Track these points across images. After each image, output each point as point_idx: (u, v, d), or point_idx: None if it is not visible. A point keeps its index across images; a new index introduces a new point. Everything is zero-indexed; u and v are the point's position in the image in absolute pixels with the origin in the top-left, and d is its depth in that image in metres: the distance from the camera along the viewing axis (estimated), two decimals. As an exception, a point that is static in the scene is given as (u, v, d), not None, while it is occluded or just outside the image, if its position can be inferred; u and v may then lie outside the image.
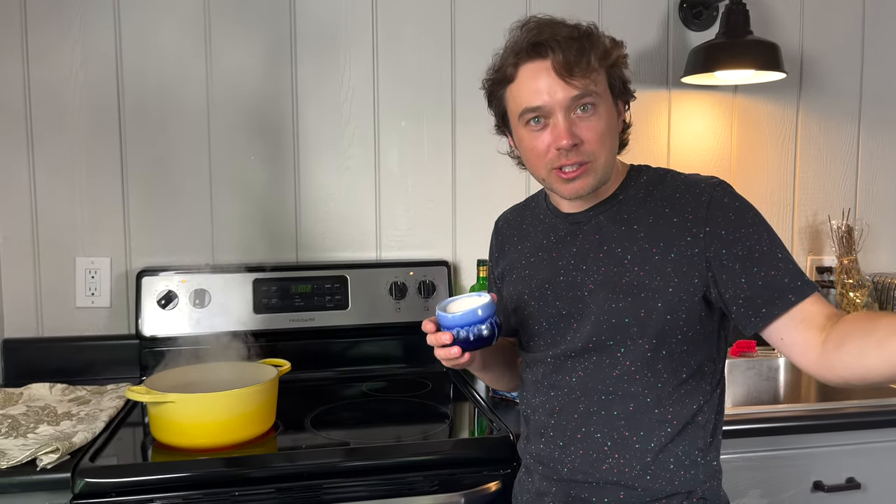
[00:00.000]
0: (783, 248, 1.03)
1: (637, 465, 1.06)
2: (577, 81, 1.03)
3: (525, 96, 1.06)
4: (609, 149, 1.07)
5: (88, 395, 1.62)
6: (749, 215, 1.04)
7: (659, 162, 2.04)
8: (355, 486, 1.28)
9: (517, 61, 1.06)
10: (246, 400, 1.35)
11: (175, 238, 1.84)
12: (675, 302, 1.04)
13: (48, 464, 1.22)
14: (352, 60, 1.90)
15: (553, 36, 1.04)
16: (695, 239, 1.04)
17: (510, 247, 1.25)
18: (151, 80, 1.81)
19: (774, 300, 0.99)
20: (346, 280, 1.84)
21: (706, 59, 1.86)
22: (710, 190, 1.06)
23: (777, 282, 1.00)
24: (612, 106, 1.09)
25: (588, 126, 1.05)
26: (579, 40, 1.04)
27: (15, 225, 1.77)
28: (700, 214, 1.04)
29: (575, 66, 1.02)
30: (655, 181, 1.12)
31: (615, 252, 1.09)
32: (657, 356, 1.06)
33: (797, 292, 0.99)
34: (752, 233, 1.02)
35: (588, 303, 1.10)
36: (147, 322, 1.74)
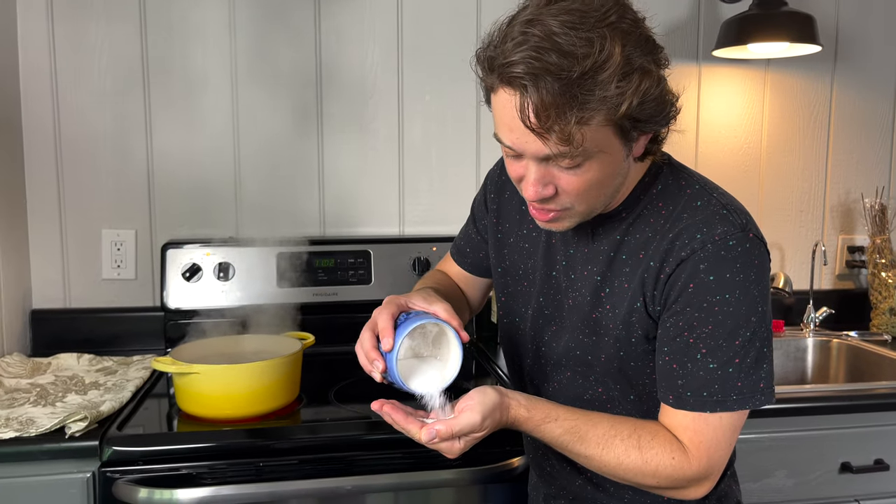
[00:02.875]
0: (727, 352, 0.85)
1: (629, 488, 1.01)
2: (553, 139, 0.78)
3: (497, 124, 0.85)
4: (596, 198, 0.87)
5: (115, 365, 1.64)
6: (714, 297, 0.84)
7: (688, 140, 2.01)
8: (378, 459, 1.28)
9: (491, 80, 0.82)
10: (270, 372, 1.35)
11: (199, 211, 1.85)
12: (638, 352, 0.94)
13: (76, 432, 1.23)
14: (376, 33, 1.87)
15: (538, 69, 0.75)
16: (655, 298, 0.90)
17: (511, 195, 1.11)
18: (175, 52, 1.80)
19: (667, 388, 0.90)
20: (370, 255, 1.84)
21: (739, 31, 1.81)
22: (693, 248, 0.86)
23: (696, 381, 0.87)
24: (618, 149, 0.83)
25: (569, 178, 0.83)
26: (571, 87, 0.75)
27: (42, 197, 1.78)
28: (667, 270, 0.88)
29: (553, 122, 0.76)
30: (663, 198, 0.93)
31: (595, 279, 0.96)
32: (625, 389, 0.98)
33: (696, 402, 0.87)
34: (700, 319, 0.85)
35: (565, 318, 1.02)
36: (172, 294, 1.75)
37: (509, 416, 0.91)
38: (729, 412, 0.87)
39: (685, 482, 0.90)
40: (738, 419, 0.89)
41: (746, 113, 2.05)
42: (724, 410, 0.87)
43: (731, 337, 0.86)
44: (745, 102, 2.05)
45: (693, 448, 0.88)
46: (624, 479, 0.92)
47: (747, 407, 0.87)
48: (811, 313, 1.97)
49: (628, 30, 0.79)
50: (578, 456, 0.92)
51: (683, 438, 0.89)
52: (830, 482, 1.51)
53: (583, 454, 0.91)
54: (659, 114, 0.83)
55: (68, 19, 1.75)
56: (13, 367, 1.56)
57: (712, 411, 0.87)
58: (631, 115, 0.79)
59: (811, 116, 2.08)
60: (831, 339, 1.93)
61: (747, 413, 0.89)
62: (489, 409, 0.88)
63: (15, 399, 1.40)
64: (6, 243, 1.65)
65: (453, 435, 0.88)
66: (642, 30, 0.82)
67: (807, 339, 1.95)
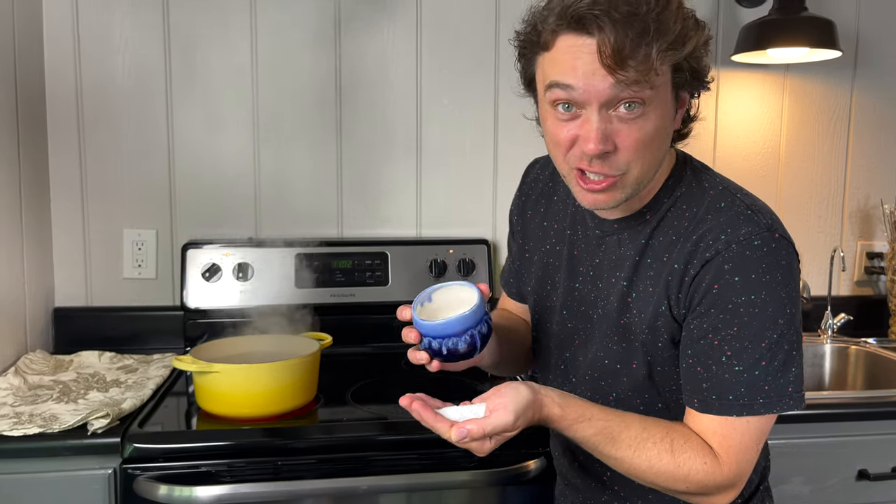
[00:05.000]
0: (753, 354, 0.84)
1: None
2: (628, 75, 0.80)
3: (558, 70, 0.84)
4: (650, 160, 0.87)
5: (135, 363, 1.66)
6: (740, 298, 0.84)
7: (705, 145, 2.01)
8: (395, 459, 1.29)
9: (556, 28, 0.83)
10: (289, 372, 1.36)
11: (219, 212, 1.87)
12: (664, 357, 0.94)
13: (98, 428, 1.25)
14: (396, 35, 1.89)
15: (609, 8, 0.79)
16: (679, 301, 0.90)
17: (533, 214, 1.14)
18: (197, 55, 1.83)
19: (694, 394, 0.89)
20: (387, 257, 1.85)
21: (758, 36, 1.81)
22: (717, 249, 0.86)
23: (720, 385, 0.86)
24: (670, 104, 0.86)
25: (629, 131, 0.84)
26: (644, 20, 0.79)
27: (65, 197, 1.81)
28: (691, 272, 0.88)
29: (629, 57, 0.79)
30: (686, 201, 0.93)
31: (622, 284, 0.96)
32: (653, 398, 0.97)
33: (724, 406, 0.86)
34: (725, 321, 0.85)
35: (592, 329, 1.01)
36: (191, 294, 1.77)
37: (542, 414, 0.88)
38: (756, 416, 0.85)
39: (715, 488, 0.88)
40: (765, 423, 0.87)
41: (765, 118, 2.05)
42: (750, 414, 0.85)
43: (758, 339, 0.84)
44: (764, 107, 2.04)
45: (723, 454, 0.87)
46: (653, 484, 0.90)
47: (775, 411, 0.86)
48: (829, 319, 1.96)
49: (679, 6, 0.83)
50: (609, 458, 0.90)
51: (713, 443, 0.87)
52: (847, 489, 1.50)
53: (614, 456, 0.89)
54: (705, 72, 0.86)
55: (93, 21, 1.78)
56: (36, 364, 1.59)
57: (739, 415, 0.85)
58: (689, 61, 0.83)
59: (830, 122, 2.07)
60: (849, 346, 1.92)
61: (775, 417, 0.88)
62: (522, 408, 0.86)
63: (38, 395, 1.42)
64: (30, 242, 1.68)
65: (485, 434, 0.85)
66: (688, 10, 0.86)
67: (825, 345, 1.94)
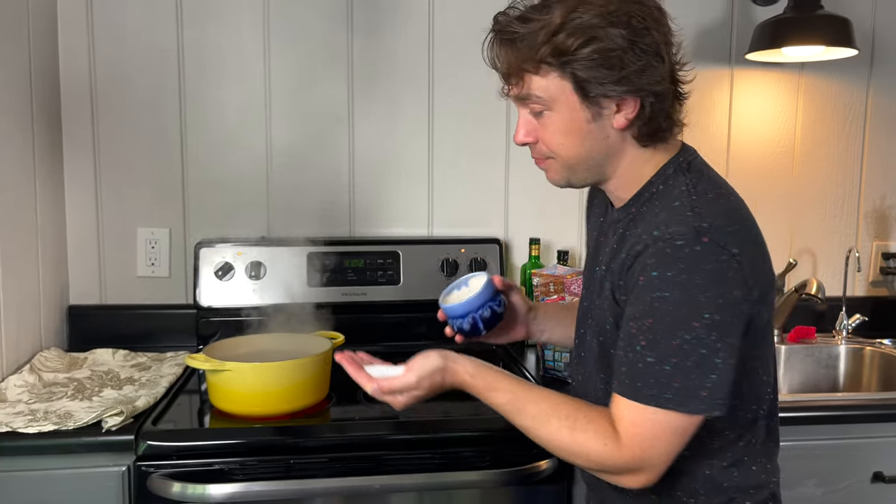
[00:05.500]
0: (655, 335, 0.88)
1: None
2: (512, 86, 0.96)
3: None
4: (575, 150, 0.97)
5: (149, 361, 1.67)
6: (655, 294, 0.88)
7: (719, 144, 1.99)
8: (407, 459, 1.29)
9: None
10: (301, 370, 1.37)
11: (232, 211, 1.87)
12: (611, 340, 1.00)
13: (113, 426, 1.26)
14: (409, 32, 1.89)
15: (502, 29, 0.94)
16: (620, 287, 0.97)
17: (592, 204, 1.20)
18: (209, 57, 1.83)
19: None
20: (399, 256, 1.85)
21: (773, 34, 1.79)
22: (647, 243, 0.91)
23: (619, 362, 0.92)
24: (577, 106, 0.94)
25: (542, 127, 0.98)
26: (504, 35, 0.94)
27: (80, 196, 1.83)
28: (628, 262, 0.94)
29: (509, 73, 0.96)
30: (660, 197, 0.97)
31: (602, 269, 1.04)
32: (608, 380, 1.01)
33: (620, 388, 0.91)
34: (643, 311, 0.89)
35: (591, 309, 1.08)
36: (204, 292, 1.78)
37: (455, 380, 1.04)
38: (665, 410, 0.87)
39: (615, 469, 0.92)
40: (678, 421, 0.88)
41: (779, 117, 2.03)
42: (658, 406, 0.88)
43: (669, 336, 0.87)
44: (778, 106, 2.03)
45: (627, 438, 0.90)
46: (561, 456, 0.98)
47: (683, 410, 0.87)
48: (844, 320, 1.94)
49: (593, 3, 0.90)
50: (519, 427, 1.01)
51: (620, 427, 0.91)
52: (862, 492, 1.49)
53: (521, 425, 1.00)
54: (606, 77, 0.91)
55: (107, 20, 1.79)
56: (51, 362, 1.60)
57: (647, 404, 0.88)
58: (579, 72, 0.91)
59: (846, 121, 2.05)
60: (864, 347, 1.91)
61: (694, 419, 0.89)
62: (427, 373, 1.03)
63: (53, 393, 1.43)
64: (45, 241, 1.69)
65: (392, 391, 1.05)
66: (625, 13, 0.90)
67: (839, 346, 1.92)
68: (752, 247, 0.91)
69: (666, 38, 0.94)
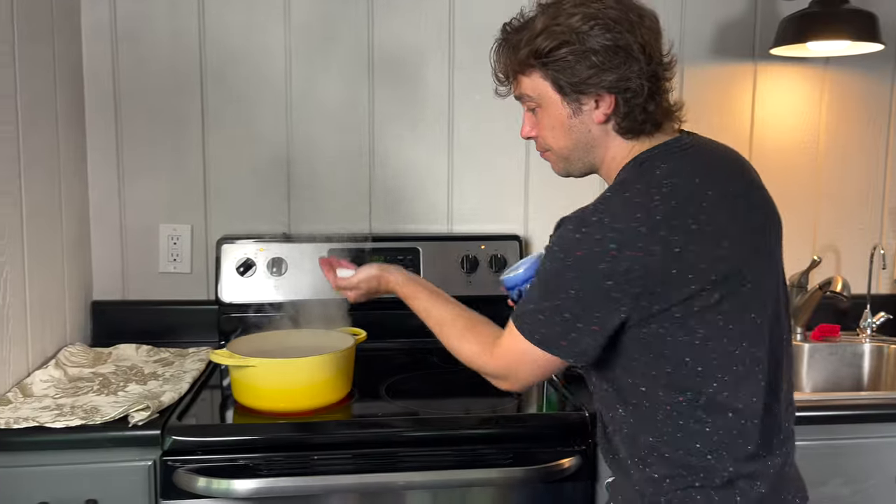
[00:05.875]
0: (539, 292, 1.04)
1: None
2: (510, 83, 1.11)
3: None
4: (564, 141, 1.09)
5: (171, 356, 1.68)
6: (546, 261, 1.05)
7: (742, 138, 1.97)
8: (430, 456, 1.29)
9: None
10: (325, 366, 1.37)
11: (253, 207, 1.88)
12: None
13: (139, 421, 1.27)
14: (429, 29, 1.88)
15: (503, 29, 1.10)
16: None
17: None
18: (230, 54, 1.84)
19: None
20: (419, 252, 1.85)
21: (798, 28, 1.77)
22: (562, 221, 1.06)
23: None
24: (559, 103, 1.06)
25: (537, 122, 1.11)
26: (503, 42, 1.10)
27: (103, 193, 1.84)
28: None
29: (501, 69, 1.11)
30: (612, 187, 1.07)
31: None
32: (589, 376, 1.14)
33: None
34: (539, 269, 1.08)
35: None
36: (226, 288, 1.79)
37: (388, 287, 1.31)
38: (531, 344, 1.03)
39: (488, 374, 1.13)
40: (540, 356, 1.03)
41: (803, 112, 2.01)
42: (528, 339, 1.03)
43: (543, 296, 1.03)
44: (802, 101, 2.01)
45: (500, 353, 1.09)
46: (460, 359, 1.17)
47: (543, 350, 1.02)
48: (868, 318, 1.92)
49: (572, 12, 1.01)
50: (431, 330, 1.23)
51: (501, 341, 1.09)
52: (888, 491, 1.47)
53: (431, 329, 1.23)
54: (576, 76, 1.02)
55: (130, 16, 1.80)
56: (76, 357, 1.61)
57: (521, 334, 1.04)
58: (555, 73, 1.03)
59: (871, 116, 2.02)
60: (888, 345, 1.89)
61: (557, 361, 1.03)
62: (365, 278, 1.33)
63: (79, 388, 1.45)
64: (70, 237, 1.71)
65: (343, 287, 1.35)
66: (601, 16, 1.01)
67: (863, 344, 1.90)
68: (648, 244, 0.95)
69: (641, 40, 1.02)
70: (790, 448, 1.08)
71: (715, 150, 1.11)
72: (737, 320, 1.00)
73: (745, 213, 1.04)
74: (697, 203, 0.98)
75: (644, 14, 1.04)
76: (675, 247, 0.95)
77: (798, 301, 1.89)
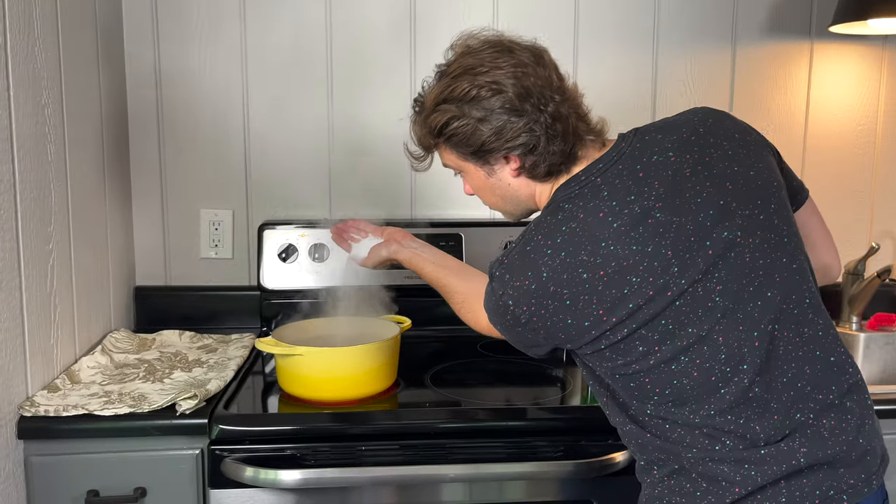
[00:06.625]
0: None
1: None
2: (428, 156, 1.16)
3: None
4: (493, 200, 1.14)
5: (215, 343, 1.68)
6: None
7: (797, 121, 1.90)
8: (480, 448, 1.27)
9: None
10: (372, 355, 1.35)
11: (294, 192, 1.86)
12: None
13: (187, 409, 1.26)
14: (472, 10, 1.84)
15: (414, 104, 1.14)
16: None
17: None
18: (271, 38, 1.81)
19: None
20: (461, 238, 1.82)
21: (859, 5, 1.69)
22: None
23: None
24: (474, 169, 1.09)
25: (467, 185, 1.15)
26: (414, 118, 1.14)
27: (145, 179, 1.83)
28: None
29: (417, 144, 1.15)
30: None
31: None
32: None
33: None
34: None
35: None
36: (267, 274, 1.78)
37: (398, 257, 1.36)
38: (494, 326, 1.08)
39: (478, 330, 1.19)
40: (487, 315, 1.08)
41: (861, 93, 1.93)
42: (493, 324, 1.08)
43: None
44: (860, 82, 1.92)
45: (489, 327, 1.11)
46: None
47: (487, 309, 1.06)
48: (926, 308, 1.85)
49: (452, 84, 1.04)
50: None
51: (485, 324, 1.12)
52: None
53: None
54: (471, 146, 1.04)
55: (171, 5, 1.79)
56: (121, 343, 1.62)
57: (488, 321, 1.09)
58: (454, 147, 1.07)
59: (933, 96, 1.94)
60: (949, 337, 1.81)
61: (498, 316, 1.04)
62: (375, 248, 1.39)
63: (125, 374, 1.45)
64: (114, 223, 1.71)
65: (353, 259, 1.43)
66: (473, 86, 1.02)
67: (922, 335, 1.83)
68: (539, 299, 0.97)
69: (525, 91, 1.00)
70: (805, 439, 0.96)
71: (655, 144, 1.01)
72: (667, 339, 0.95)
73: (685, 212, 0.96)
74: (595, 244, 0.95)
75: (525, 61, 1.02)
76: (567, 299, 0.95)
77: (854, 289, 1.82)
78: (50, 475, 1.25)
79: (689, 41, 1.88)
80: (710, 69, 1.89)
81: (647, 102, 1.90)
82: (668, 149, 1.00)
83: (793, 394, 0.98)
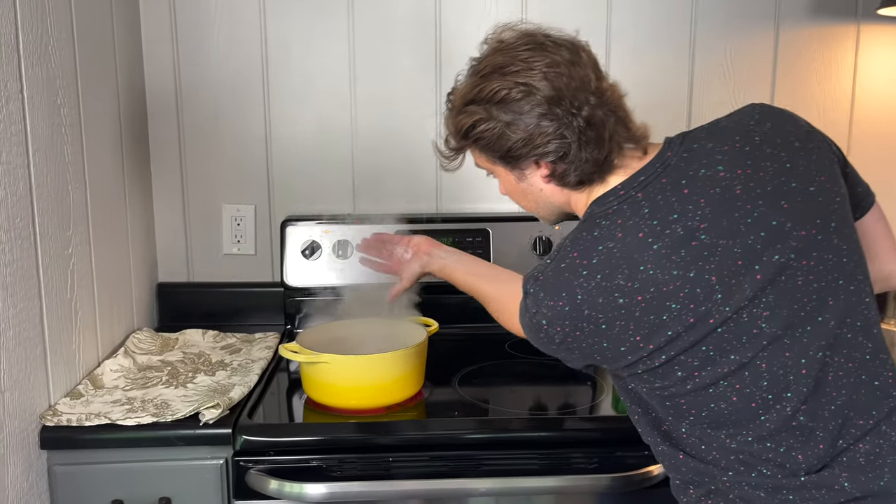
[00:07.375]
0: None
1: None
2: (459, 155, 1.10)
3: None
4: (527, 203, 1.09)
5: (238, 343, 1.65)
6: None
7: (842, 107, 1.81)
8: (512, 460, 1.23)
9: None
10: (399, 363, 1.31)
11: (317, 187, 1.82)
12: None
13: (210, 419, 1.23)
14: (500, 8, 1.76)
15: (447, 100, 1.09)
16: None
17: None
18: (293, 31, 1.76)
19: None
20: (489, 233, 1.76)
21: (913, -15, 1.59)
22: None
23: None
24: (504, 172, 1.04)
25: (500, 186, 1.10)
26: (447, 114, 1.07)
27: (166, 174, 1.80)
28: None
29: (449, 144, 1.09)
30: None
31: None
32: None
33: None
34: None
35: None
36: (290, 271, 1.74)
37: (431, 268, 1.33)
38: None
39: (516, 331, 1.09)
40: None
41: (910, 78, 1.83)
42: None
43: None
44: (910, 66, 1.82)
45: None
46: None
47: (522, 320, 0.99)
48: (979, 303, 1.76)
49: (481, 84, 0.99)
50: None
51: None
52: None
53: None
54: (499, 150, 0.99)
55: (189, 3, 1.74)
56: (144, 343, 1.59)
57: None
58: (482, 149, 1.02)
59: None
60: None
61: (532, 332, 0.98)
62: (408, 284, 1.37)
63: (148, 378, 1.42)
64: (135, 220, 1.68)
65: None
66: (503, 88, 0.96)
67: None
68: (576, 322, 0.92)
69: (557, 93, 0.94)
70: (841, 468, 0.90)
71: (703, 155, 0.94)
72: (707, 365, 0.90)
73: (733, 234, 0.89)
74: (633, 268, 0.89)
75: (557, 61, 0.95)
76: (602, 324, 0.90)
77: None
78: (73, 485, 1.23)
79: (730, 24, 1.79)
80: (752, 53, 1.80)
81: (683, 87, 1.81)
82: (717, 161, 0.93)
83: (840, 422, 0.91)
